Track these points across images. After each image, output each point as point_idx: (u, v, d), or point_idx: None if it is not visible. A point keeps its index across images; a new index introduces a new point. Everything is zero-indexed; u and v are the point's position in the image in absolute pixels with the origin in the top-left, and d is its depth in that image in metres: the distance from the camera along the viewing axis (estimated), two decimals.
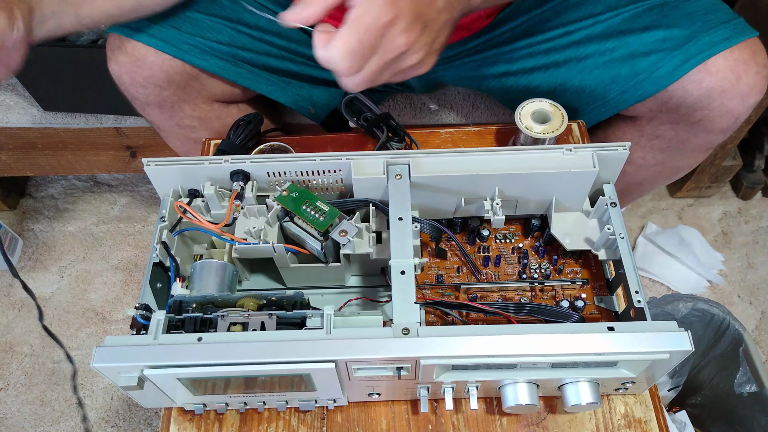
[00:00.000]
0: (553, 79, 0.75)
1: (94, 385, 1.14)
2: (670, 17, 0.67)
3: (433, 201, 0.61)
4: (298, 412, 0.58)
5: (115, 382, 0.48)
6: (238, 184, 0.59)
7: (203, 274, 0.56)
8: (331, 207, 0.57)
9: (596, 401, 0.51)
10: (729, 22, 0.65)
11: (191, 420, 0.57)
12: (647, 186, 0.88)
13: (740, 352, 0.91)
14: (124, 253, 1.31)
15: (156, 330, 0.49)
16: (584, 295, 0.61)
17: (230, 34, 0.75)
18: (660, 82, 0.67)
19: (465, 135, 0.76)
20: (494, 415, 0.57)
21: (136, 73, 0.72)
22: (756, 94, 0.66)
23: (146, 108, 0.78)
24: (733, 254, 1.26)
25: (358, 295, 0.63)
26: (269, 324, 0.51)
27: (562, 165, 0.57)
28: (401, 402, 0.58)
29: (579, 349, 0.46)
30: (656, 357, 0.47)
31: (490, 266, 0.64)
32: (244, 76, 0.77)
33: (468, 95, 0.94)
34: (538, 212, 0.64)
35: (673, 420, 0.92)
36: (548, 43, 0.74)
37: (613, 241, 0.57)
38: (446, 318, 0.60)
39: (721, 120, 0.68)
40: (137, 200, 1.39)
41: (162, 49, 0.71)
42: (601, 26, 0.71)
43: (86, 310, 1.24)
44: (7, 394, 1.14)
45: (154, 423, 1.11)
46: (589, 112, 0.76)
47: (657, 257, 1.24)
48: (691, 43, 0.65)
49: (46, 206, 1.38)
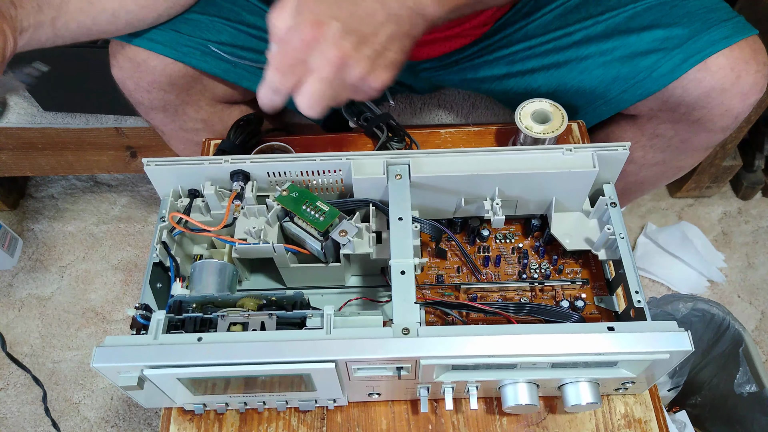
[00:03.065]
0: (553, 79, 0.75)
1: (94, 385, 1.14)
2: (669, 16, 0.67)
3: (433, 201, 0.61)
4: (298, 412, 0.58)
5: (115, 382, 0.48)
6: (238, 184, 0.59)
7: (203, 274, 0.56)
8: (331, 207, 0.57)
9: (596, 401, 0.51)
10: (729, 20, 0.65)
11: (191, 420, 0.57)
12: (648, 185, 0.88)
13: (740, 352, 0.91)
14: (124, 253, 1.31)
15: (156, 330, 0.49)
16: (584, 295, 0.61)
17: (230, 33, 0.75)
18: (660, 81, 0.67)
19: (465, 135, 0.76)
20: (494, 415, 0.57)
21: (140, 78, 0.72)
22: (756, 93, 0.66)
23: (151, 112, 0.78)
24: (733, 254, 1.26)
25: (358, 295, 0.63)
26: (269, 324, 0.51)
27: (562, 165, 0.57)
28: (401, 402, 0.58)
29: (579, 349, 0.46)
30: (656, 357, 0.47)
31: (490, 266, 0.64)
32: (245, 76, 0.77)
33: (468, 95, 0.94)
34: (538, 212, 0.64)
35: (673, 420, 0.92)
36: (548, 44, 0.74)
37: (613, 241, 0.57)
38: (446, 318, 0.60)
39: (721, 119, 0.68)
40: (137, 200, 1.39)
41: (163, 52, 0.71)
42: (601, 26, 0.71)
43: (86, 310, 1.24)
44: (7, 394, 1.14)
45: (154, 423, 1.11)
46: (589, 112, 0.76)
47: (657, 257, 1.24)
48: (691, 41, 0.65)
49: (46, 206, 1.38)
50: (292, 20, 0.47)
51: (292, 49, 0.47)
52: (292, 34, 0.47)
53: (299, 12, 0.47)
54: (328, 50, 0.47)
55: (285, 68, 0.48)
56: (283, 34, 0.48)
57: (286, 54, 0.48)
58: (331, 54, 0.47)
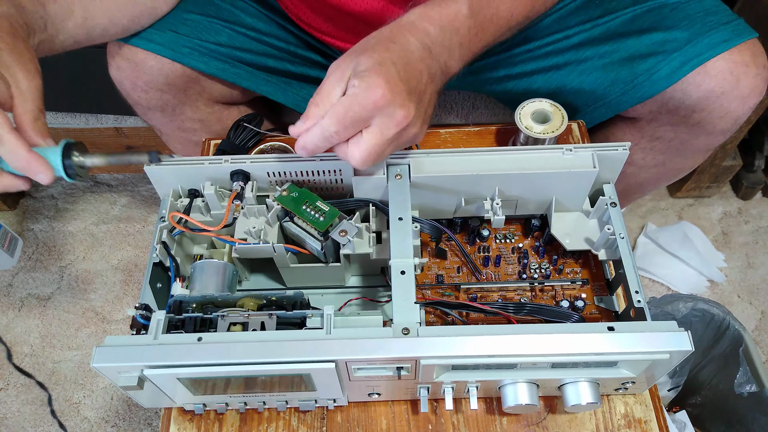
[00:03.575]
0: (553, 81, 0.75)
1: (94, 385, 1.14)
2: (669, 19, 0.67)
3: (433, 201, 0.61)
4: (298, 412, 0.58)
5: (115, 382, 0.48)
6: (238, 184, 0.59)
7: (203, 274, 0.56)
8: (331, 207, 0.57)
9: (596, 401, 0.51)
10: (728, 23, 0.65)
11: (191, 420, 0.57)
12: (648, 187, 0.88)
13: (740, 352, 0.91)
14: (124, 253, 1.31)
15: (156, 330, 0.49)
16: (584, 295, 0.61)
17: (228, 34, 0.75)
18: (659, 84, 0.67)
19: (465, 135, 0.76)
20: (494, 415, 0.57)
21: (137, 78, 0.73)
22: (756, 96, 0.66)
23: (148, 112, 0.78)
24: (733, 254, 1.26)
25: (358, 295, 0.63)
26: (269, 324, 0.51)
27: (562, 165, 0.57)
28: (401, 402, 0.58)
29: (579, 349, 0.46)
30: (656, 357, 0.47)
31: (490, 266, 0.64)
32: (244, 77, 0.77)
33: (468, 95, 0.94)
34: (538, 212, 0.64)
35: (673, 420, 0.92)
36: (548, 47, 0.74)
37: (613, 241, 0.57)
38: (446, 318, 0.60)
39: (720, 122, 0.68)
40: (137, 200, 1.39)
41: (160, 53, 0.71)
42: (600, 29, 0.71)
43: (86, 310, 1.24)
44: (7, 394, 1.14)
45: (154, 423, 1.11)
46: (588, 113, 0.76)
47: (657, 257, 1.24)
48: (690, 45, 0.65)
49: (46, 206, 1.38)
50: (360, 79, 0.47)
51: (361, 107, 0.47)
52: (362, 92, 0.47)
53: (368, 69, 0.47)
54: (396, 111, 0.48)
55: (348, 122, 0.48)
56: (351, 91, 0.47)
57: (352, 109, 0.47)
58: (400, 115, 0.48)
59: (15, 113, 0.50)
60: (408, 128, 0.50)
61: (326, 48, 0.82)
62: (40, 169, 0.49)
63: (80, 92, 1.04)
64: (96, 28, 0.64)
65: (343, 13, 0.71)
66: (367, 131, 0.49)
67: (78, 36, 0.62)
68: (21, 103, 0.50)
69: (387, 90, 0.47)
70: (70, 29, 0.61)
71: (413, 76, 0.49)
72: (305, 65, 0.83)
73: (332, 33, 0.77)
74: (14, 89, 0.50)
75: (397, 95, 0.48)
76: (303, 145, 0.50)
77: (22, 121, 0.50)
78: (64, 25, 0.60)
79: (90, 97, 1.04)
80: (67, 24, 0.60)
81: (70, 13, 0.60)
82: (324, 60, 0.84)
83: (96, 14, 0.63)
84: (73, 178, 0.53)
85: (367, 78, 0.47)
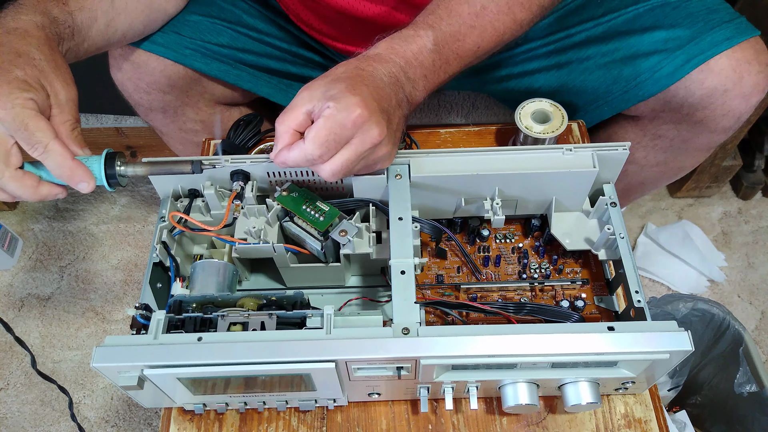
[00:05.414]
0: (554, 80, 0.75)
1: (94, 385, 1.14)
2: (671, 17, 0.67)
3: (433, 201, 0.61)
4: (298, 412, 0.58)
5: (115, 382, 0.48)
6: (238, 184, 0.59)
7: (203, 274, 0.56)
8: (331, 207, 0.57)
9: (596, 401, 0.51)
10: (731, 21, 0.65)
11: (191, 420, 0.57)
12: (649, 186, 0.88)
13: (740, 352, 0.91)
14: (124, 253, 1.31)
15: (156, 330, 0.49)
16: (584, 295, 0.61)
17: (230, 35, 0.75)
18: (662, 82, 0.67)
19: (465, 135, 0.76)
20: (494, 415, 0.57)
21: (139, 80, 0.73)
22: (758, 94, 0.66)
23: (150, 113, 0.78)
24: (733, 254, 1.26)
25: (358, 295, 0.63)
26: (269, 324, 0.51)
27: (562, 165, 0.57)
28: (401, 402, 0.58)
29: (579, 349, 0.46)
30: (656, 357, 0.47)
31: (490, 266, 0.64)
32: (245, 79, 0.77)
33: (468, 95, 0.94)
34: (538, 212, 0.64)
35: (673, 420, 0.92)
36: (549, 46, 0.74)
37: (613, 241, 0.57)
38: (446, 318, 0.60)
39: (723, 119, 0.68)
40: (137, 200, 1.39)
41: (163, 54, 0.71)
42: (602, 28, 0.71)
43: (86, 310, 1.24)
44: (7, 394, 1.14)
45: (154, 423, 1.11)
46: (590, 112, 0.76)
47: (657, 257, 1.24)
48: (693, 43, 0.65)
49: (46, 206, 1.38)
50: (335, 101, 0.48)
51: (342, 128, 0.48)
52: (339, 113, 0.48)
53: (341, 91, 0.49)
54: (372, 129, 0.49)
55: (332, 145, 0.49)
56: (327, 113, 0.48)
57: (333, 132, 0.48)
58: (375, 133, 0.49)
59: (53, 123, 0.51)
60: (380, 146, 0.51)
61: (327, 50, 0.82)
62: (84, 178, 0.50)
63: (80, 92, 1.04)
64: (116, 34, 0.65)
65: (346, 17, 0.71)
66: (341, 148, 0.50)
67: (99, 42, 0.63)
68: (59, 113, 0.51)
69: (364, 108, 0.48)
70: (93, 36, 0.62)
71: (383, 98, 0.51)
72: (306, 66, 0.83)
73: (334, 35, 0.77)
74: (53, 99, 0.51)
75: (373, 113, 0.49)
76: (283, 161, 0.51)
77: (61, 131, 0.51)
78: (89, 33, 0.61)
79: (90, 97, 1.04)
80: (91, 32, 0.61)
81: (94, 21, 0.61)
82: (325, 62, 0.84)
83: (117, 21, 0.64)
84: (113, 188, 0.54)
85: (342, 99, 0.48)
